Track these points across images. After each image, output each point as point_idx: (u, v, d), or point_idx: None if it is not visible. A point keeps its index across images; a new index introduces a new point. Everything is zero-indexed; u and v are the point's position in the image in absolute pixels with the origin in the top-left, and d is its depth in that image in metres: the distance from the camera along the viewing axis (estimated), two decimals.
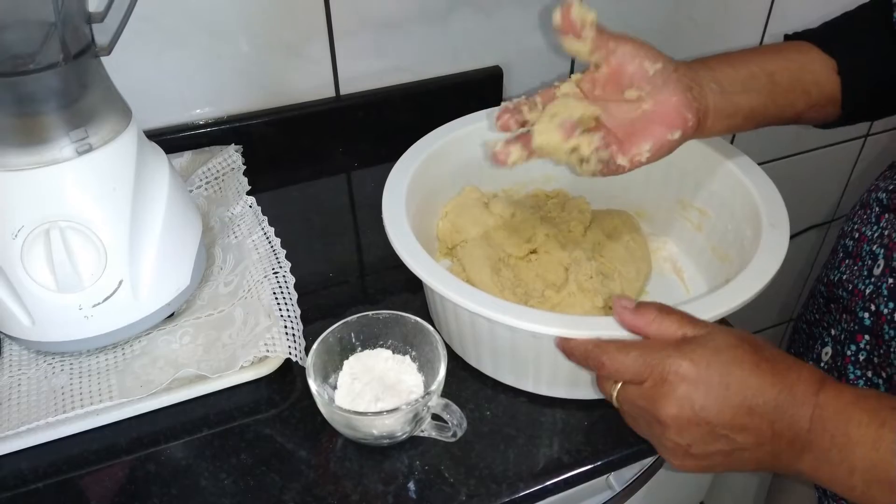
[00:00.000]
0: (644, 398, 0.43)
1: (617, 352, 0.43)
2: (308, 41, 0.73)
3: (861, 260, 0.58)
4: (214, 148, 0.72)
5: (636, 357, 0.43)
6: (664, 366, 0.42)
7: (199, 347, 0.54)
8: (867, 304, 0.56)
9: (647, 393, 0.42)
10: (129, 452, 0.49)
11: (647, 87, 0.50)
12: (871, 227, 0.59)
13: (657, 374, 0.42)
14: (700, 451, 0.42)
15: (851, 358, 0.58)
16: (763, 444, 0.41)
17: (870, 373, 0.56)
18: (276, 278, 0.57)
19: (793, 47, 0.58)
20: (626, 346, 0.43)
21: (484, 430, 0.51)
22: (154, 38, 0.67)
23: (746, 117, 0.54)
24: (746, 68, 0.54)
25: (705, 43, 0.95)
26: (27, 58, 0.47)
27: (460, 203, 0.65)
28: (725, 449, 0.42)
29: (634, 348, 0.43)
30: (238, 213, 0.64)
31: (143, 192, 0.52)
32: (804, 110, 0.57)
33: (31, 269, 0.49)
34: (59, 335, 0.51)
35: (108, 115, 0.51)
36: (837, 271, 0.62)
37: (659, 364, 0.42)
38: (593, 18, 0.49)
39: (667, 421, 0.42)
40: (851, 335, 0.58)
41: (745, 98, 0.54)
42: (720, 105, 0.52)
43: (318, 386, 0.48)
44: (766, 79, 0.55)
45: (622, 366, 0.43)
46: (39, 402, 0.50)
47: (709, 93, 0.52)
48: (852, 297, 0.58)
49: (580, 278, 0.58)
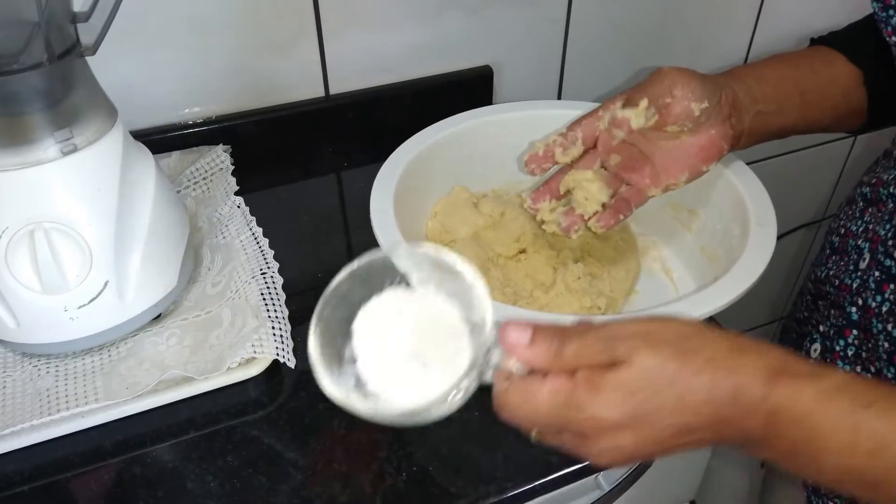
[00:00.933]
0: (571, 446, 0.37)
1: (518, 406, 0.36)
2: (297, 41, 0.73)
3: (847, 255, 0.59)
4: (203, 148, 0.72)
5: (543, 412, 0.35)
6: (580, 419, 0.34)
7: (186, 349, 0.54)
8: (854, 299, 0.56)
9: (572, 444, 0.37)
10: (115, 455, 0.49)
11: (689, 124, 0.51)
12: (856, 222, 0.59)
13: (574, 429, 0.35)
14: (646, 458, 0.40)
15: (840, 353, 0.58)
16: (714, 440, 0.36)
17: (859, 368, 0.56)
18: (265, 279, 0.57)
19: (822, 58, 0.59)
20: (530, 398, 0.35)
21: (473, 431, 0.50)
22: (141, 37, 0.66)
23: (775, 134, 0.56)
24: (783, 87, 0.55)
25: (695, 44, 0.95)
26: (11, 58, 0.47)
27: (450, 203, 0.65)
28: (680, 443, 0.36)
29: (539, 402, 0.35)
30: (226, 214, 0.64)
31: (129, 193, 0.52)
32: (831, 124, 0.58)
33: (15, 270, 0.49)
34: (44, 337, 0.51)
35: (93, 116, 0.50)
36: (825, 267, 0.62)
37: (574, 417, 0.35)
38: (644, 104, 0.52)
39: (605, 465, 0.37)
40: (840, 330, 0.58)
41: (779, 119, 0.55)
42: (755, 127, 0.54)
43: (334, 379, 0.36)
44: (798, 98, 0.56)
45: (530, 420, 0.36)
46: (25, 405, 0.50)
47: (746, 118, 0.53)
48: (839, 293, 0.59)
49: (568, 279, 0.58)
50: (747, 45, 0.99)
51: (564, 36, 0.86)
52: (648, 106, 0.52)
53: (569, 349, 0.35)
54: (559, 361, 0.35)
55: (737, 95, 0.53)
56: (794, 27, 1.01)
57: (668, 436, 0.35)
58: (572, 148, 0.55)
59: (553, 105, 0.69)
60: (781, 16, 0.98)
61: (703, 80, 0.52)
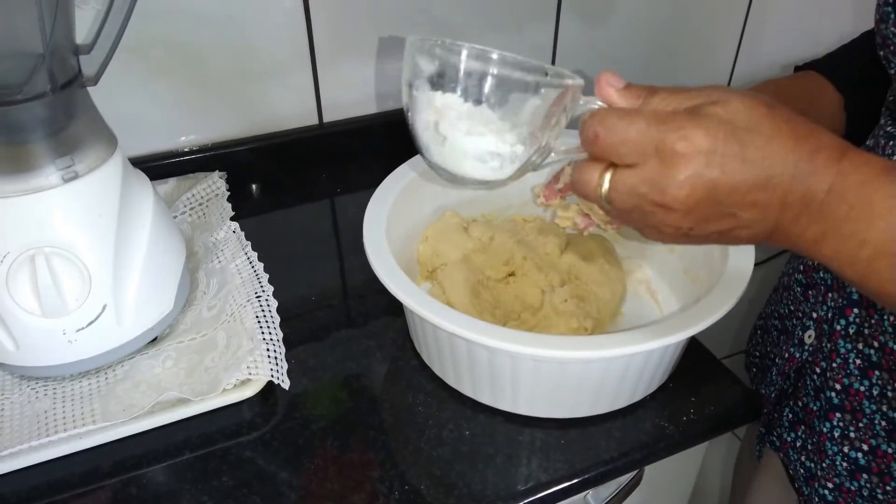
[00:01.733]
0: (646, 182, 0.36)
1: (618, 119, 0.36)
2: (292, 70, 0.75)
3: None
4: (199, 174, 0.73)
5: (641, 127, 0.36)
6: (675, 138, 0.35)
7: (182, 371, 0.55)
8: None
9: (651, 175, 0.36)
10: (111, 476, 0.50)
11: None
12: None
13: (667, 148, 0.35)
14: (699, 232, 0.38)
15: (841, 333, 0.57)
16: (767, 219, 0.37)
17: (860, 345, 0.55)
18: (259, 302, 0.58)
19: (809, 85, 0.61)
20: (630, 115, 0.37)
21: (463, 450, 0.52)
22: (139, 67, 0.68)
23: None
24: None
25: (678, 71, 0.98)
26: (15, 88, 0.48)
27: (441, 227, 0.67)
28: (727, 227, 0.38)
29: (640, 116, 0.36)
30: (222, 239, 0.65)
31: (127, 219, 0.53)
32: None
33: (16, 294, 0.50)
34: (43, 360, 0.52)
35: (93, 143, 0.52)
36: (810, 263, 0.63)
37: (669, 136, 0.35)
38: None
39: (674, 204, 0.36)
40: (840, 310, 0.57)
41: None
42: None
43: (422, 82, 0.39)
44: None
45: (622, 138, 0.36)
46: (23, 427, 0.51)
47: None
48: (837, 280, 0.59)
49: (555, 301, 0.60)
50: (730, 71, 1.03)
51: (552, 63, 0.88)
52: None
53: (659, 95, 0.37)
54: (649, 105, 0.37)
55: None
56: (775, 55, 1.04)
57: (748, 180, 0.36)
58: None
59: None
60: (762, 44, 1.01)
61: None
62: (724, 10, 0.96)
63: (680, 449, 0.54)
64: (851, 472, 0.55)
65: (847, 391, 0.54)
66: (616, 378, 0.51)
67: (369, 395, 0.56)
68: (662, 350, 0.51)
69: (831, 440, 0.56)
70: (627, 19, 0.89)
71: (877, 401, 0.52)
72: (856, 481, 0.55)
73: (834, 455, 0.56)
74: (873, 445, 0.53)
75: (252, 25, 0.71)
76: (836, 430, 0.55)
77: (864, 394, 0.53)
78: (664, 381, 0.57)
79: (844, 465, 0.55)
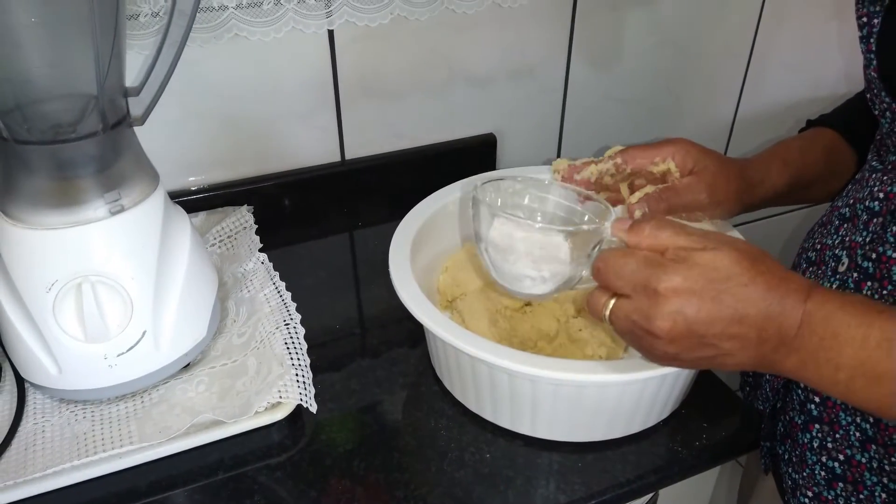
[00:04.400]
0: (637, 312, 0.44)
1: (616, 259, 0.45)
2: (317, 111, 0.79)
3: (825, 264, 0.62)
4: (228, 208, 0.77)
5: (633, 267, 0.44)
6: (658, 280, 0.43)
7: (214, 395, 0.57)
8: None
9: (641, 306, 0.44)
10: (148, 495, 0.52)
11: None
12: (832, 236, 0.62)
13: (651, 287, 0.43)
14: (686, 357, 0.45)
15: None
16: (748, 348, 0.43)
17: None
18: (287, 329, 0.61)
19: (826, 143, 0.66)
20: (627, 255, 0.45)
21: (484, 472, 0.54)
22: (177, 108, 0.72)
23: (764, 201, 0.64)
24: (788, 174, 0.64)
25: (683, 111, 1.02)
26: (69, 127, 0.52)
27: (460, 259, 0.69)
28: (711, 354, 0.44)
29: (634, 258, 0.45)
30: (251, 269, 0.68)
31: (167, 250, 0.56)
32: (821, 199, 0.68)
33: (61, 320, 0.53)
34: (84, 383, 0.55)
35: (138, 179, 0.55)
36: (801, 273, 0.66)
37: (653, 277, 0.43)
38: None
39: (660, 333, 0.43)
40: None
41: (780, 193, 0.64)
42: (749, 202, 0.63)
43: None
44: (802, 191, 0.65)
45: (618, 273, 0.45)
46: (63, 447, 0.53)
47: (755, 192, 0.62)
48: None
49: (570, 330, 0.62)
50: (733, 112, 1.06)
51: (562, 105, 0.92)
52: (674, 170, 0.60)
53: (665, 232, 0.45)
54: (653, 240, 0.45)
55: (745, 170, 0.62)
56: (777, 96, 1.08)
57: (724, 318, 0.42)
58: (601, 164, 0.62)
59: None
60: (765, 85, 1.05)
61: (710, 156, 0.60)
62: (728, 54, 1.00)
63: (693, 473, 0.55)
64: (829, 482, 0.56)
65: (825, 403, 0.56)
66: (632, 403, 0.53)
67: (392, 419, 0.58)
68: (675, 376, 0.53)
69: (811, 450, 0.57)
70: (634, 63, 0.93)
71: (851, 412, 0.54)
72: (832, 490, 0.56)
73: (813, 465, 0.57)
74: (848, 455, 0.55)
75: (281, 71, 0.75)
76: (816, 441, 0.57)
77: (840, 406, 0.55)
78: (676, 408, 0.59)
79: (822, 474, 0.57)
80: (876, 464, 0.53)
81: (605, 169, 0.61)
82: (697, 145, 0.60)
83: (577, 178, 0.62)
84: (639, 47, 0.92)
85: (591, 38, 0.88)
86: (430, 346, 0.62)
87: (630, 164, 0.61)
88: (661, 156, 0.60)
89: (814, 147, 0.66)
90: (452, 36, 0.80)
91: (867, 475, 0.54)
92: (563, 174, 0.62)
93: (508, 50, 0.85)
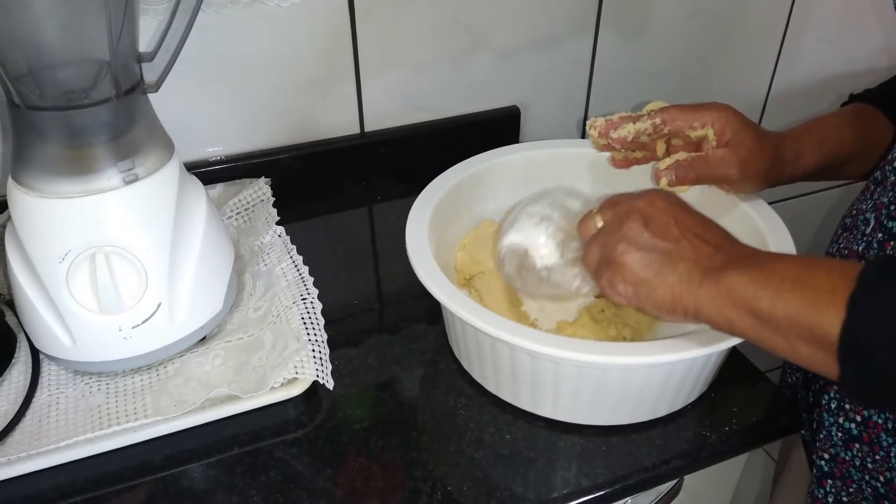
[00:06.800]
0: (621, 203, 0.49)
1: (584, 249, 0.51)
2: (336, 81, 0.77)
3: (856, 228, 0.61)
4: (245, 180, 0.75)
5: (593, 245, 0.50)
6: (632, 201, 0.49)
7: (230, 369, 0.56)
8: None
9: (624, 199, 0.50)
10: (163, 469, 0.51)
11: None
12: (866, 201, 0.61)
13: (627, 204, 0.49)
14: (647, 244, 0.46)
15: None
16: (700, 259, 0.45)
17: None
18: (305, 304, 0.60)
19: (865, 121, 0.64)
20: (588, 246, 0.50)
21: (504, 453, 0.52)
22: (192, 77, 0.71)
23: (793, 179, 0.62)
24: (821, 154, 0.62)
25: (715, 85, 0.98)
26: (81, 93, 0.50)
27: (478, 235, 0.68)
28: (668, 248, 0.46)
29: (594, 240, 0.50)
30: (268, 243, 0.67)
31: (182, 221, 0.55)
32: (854, 177, 0.66)
33: (75, 291, 0.52)
34: (98, 355, 0.54)
35: (152, 148, 0.54)
36: (835, 244, 0.64)
37: (627, 202, 0.49)
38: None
39: (640, 209, 0.48)
40: None
41: (809, 173, 0.62)
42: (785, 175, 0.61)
43: None
44: (832, 170, 0.63)
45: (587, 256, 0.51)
46: (77, 420, 0.53)
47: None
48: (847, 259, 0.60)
49: (592, 310, 0.60)
50: (767, 86, 1.03)
51: (589, 78, 0.89)
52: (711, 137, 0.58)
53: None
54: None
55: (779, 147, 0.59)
56: (813, 69, 1.04)
57: (695, 216, 0.48)
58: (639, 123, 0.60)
59: (577, 143, 0.71)
60: (801, 58, 1.01)
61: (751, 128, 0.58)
62: (763, 25, 0.96)
63: (722, 458, 0.54)
64: (845, 442, 0.56)
65: (865, 423, 0.55)
66: (658, 385, 0.51)
67: (410, 397, 0.57)
68: (705, 359, 0.51)
69: (828, 412, 0.57)
70: (665, 34, 0.90)
71: (893, 434, 0.52)
72: (849, 451, 0.56)
73: (830, 426, 0.57)
74: (865, 416, 0.54)
75: (299, 40, 0.73)
76: (833, 402, 0.56)
77: (882, 426, 0.53)
78: (705, 391, 0.57)
79: (839, 435, 0.56)
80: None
81: (642, 129, 0.59)
82: (739, 114, 0.58)
83: (613, 136, 0.60)
84: (669, 17, 0.89)
85: (620, 8, 0.85)
86: (447, 326, 0.60)
87: (669, 125, 0.58)
88: (701, 121, 0.57)
89: (851, 125, 0.64)
90: (476, 4, 0.78)
91: (884, 436, 0.53)
92: (599, 130, 0.60)
93: (534, 19, 0.82)
